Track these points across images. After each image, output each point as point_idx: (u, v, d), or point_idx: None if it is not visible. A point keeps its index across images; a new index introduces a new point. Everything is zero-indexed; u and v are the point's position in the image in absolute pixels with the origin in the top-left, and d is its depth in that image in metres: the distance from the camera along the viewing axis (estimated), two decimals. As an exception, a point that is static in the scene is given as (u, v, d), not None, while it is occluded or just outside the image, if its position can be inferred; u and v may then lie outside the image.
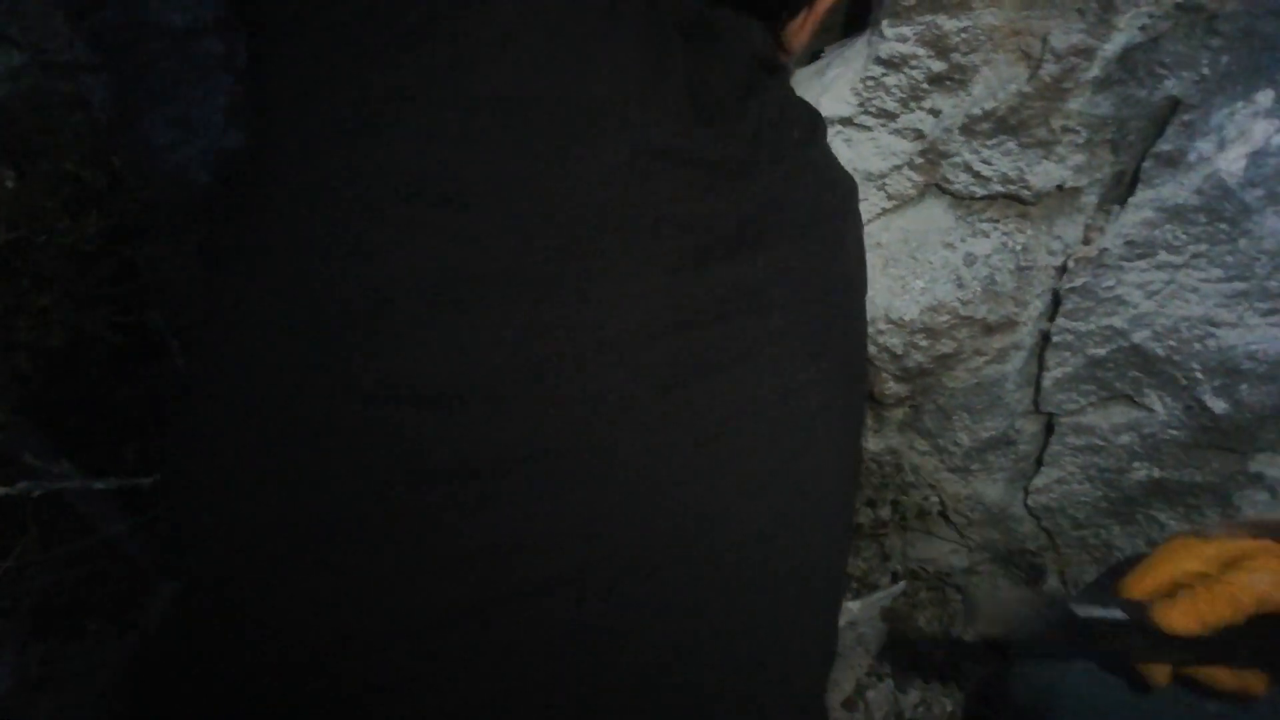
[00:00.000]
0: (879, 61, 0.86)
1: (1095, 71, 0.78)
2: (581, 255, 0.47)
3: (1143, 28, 0.76)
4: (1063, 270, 0.85)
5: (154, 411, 1.09)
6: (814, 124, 0.60)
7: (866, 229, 0.93)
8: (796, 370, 0.54)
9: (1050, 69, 0.79)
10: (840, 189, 0.61)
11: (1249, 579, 0.57)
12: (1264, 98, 0.79)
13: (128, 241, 1.03)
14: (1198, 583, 0.59)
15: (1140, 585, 0.60)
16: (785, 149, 0.56)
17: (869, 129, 0.90)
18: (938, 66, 0.84)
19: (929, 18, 0.82)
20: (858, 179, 0.91)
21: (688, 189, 0.50)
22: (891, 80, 0.86)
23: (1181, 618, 0.56)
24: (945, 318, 0.88)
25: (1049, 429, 0.93)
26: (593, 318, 0.47)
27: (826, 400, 0.56)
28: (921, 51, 0.84)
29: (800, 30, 0.61)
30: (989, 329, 0.88)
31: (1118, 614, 0.58)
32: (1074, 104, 0.80)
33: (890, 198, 0.91)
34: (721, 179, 0.52)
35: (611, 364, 0.48)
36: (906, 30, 0.83)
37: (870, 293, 0.91)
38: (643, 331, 0.49)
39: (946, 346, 0.89)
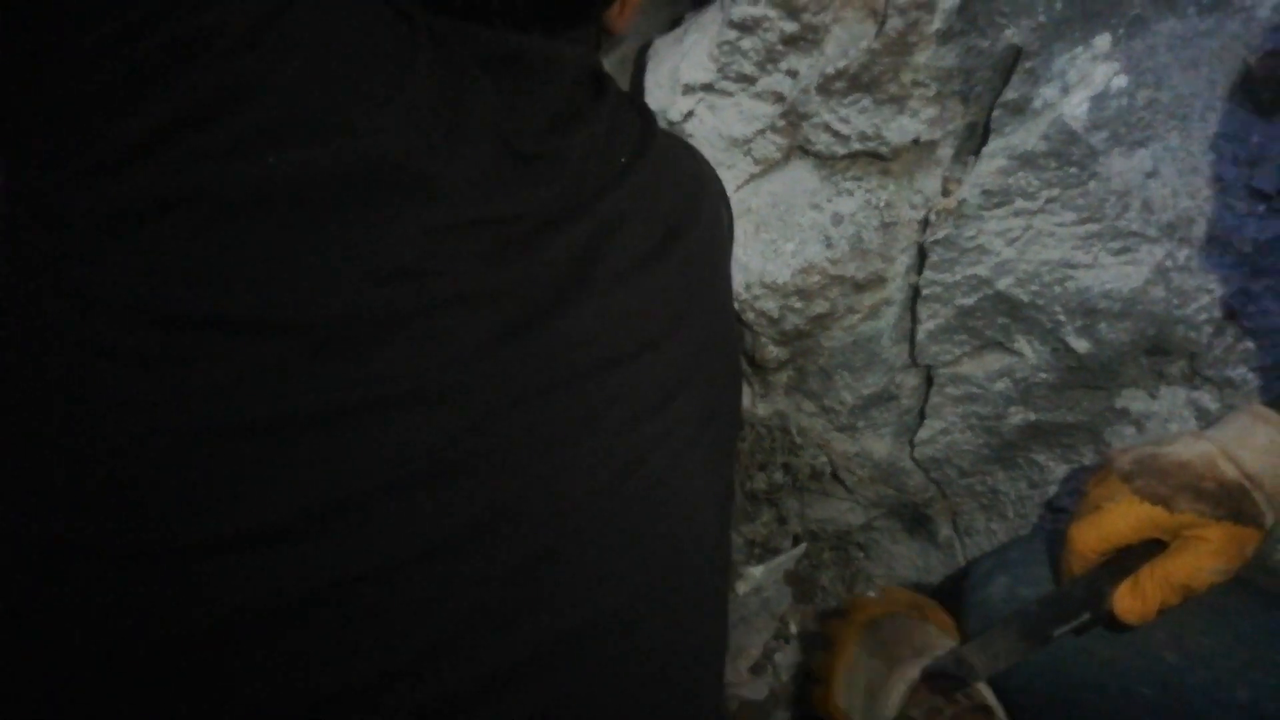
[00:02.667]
0: (732, 25, 0.85)
1: (937, 24, 0.79)
2: (380, 360, 0.44)
3: (978, -22, 0.77)
4: (925, 224, 0.86)
5: None
6: (645, 135, 0.57)
7: (736, 195, 0.93)
8: (651, 421, 0.52)
9: (895, 23, 0.79)
10: (686, 191, 0.58)
11: (1193, 564, 0.64)
12: (1101, 42, 0.81)
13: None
14: (1139, 561, 0.67)
15: (1092, 547, 0.68)
16: (611, 178, 0.53)
17: (730, 94, 0.89)
18: (790, 27, 0.84)
19: (776, -22, 0.82)
20: (724, 145, 0.91)
21: (497, 253, 0.48)
22: (746, 44, 0.86)
23: (1141, 611, 0.65)
24: (816, 278, 0.89)
25: (929, 381, 0.94)
26: (402, 433, 0.44)
27: (692, 437, 0.55)
28: (773, 13, 0.84)
29: (620, 16, 0.60)
30: (859, 286, 0.89)
31: (1085, 616, 0.68)
32: (920, 58, 0.80)
33: (757, 162, 0.91)
34: (536, 233, 0.49)
35: (438, 476, 0.45)
36: (756, -8, 0.83)
37: (744, 258, 0.91)
38: (468, 423, 0.46)
39: (820, 307, 0.90)
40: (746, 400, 1.02)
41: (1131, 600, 0.65)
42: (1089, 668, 0.71)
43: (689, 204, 0.59)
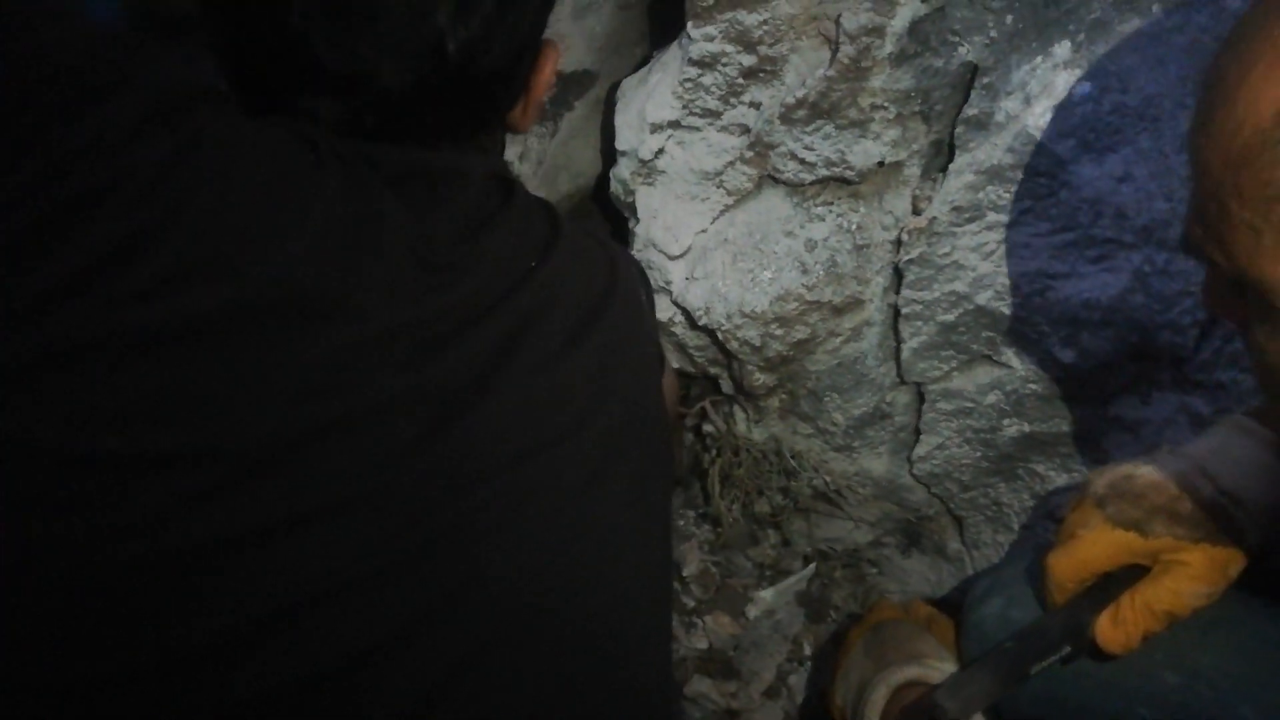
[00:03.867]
0: (692, 63, 0.86)
1: (889, 48, 0.79)
2: (303, 476, 0.45)
3: (925, 0, 0.77)
4: (899, 244, 0.86)
5: None
6: (553, 232, 0.58)
7: (713, 227, 0.94)
8: (576, 504, 0.53)
9: (848, 50, 0.80)
10: (599, 279, 0.60)
11: (1173, 591, 0.63)
12: (1061, 50, 0.80)
13: None
14: (1121, 587, 0.65)
15: (1069, 577, 0.66)
16: (521, 276, 0.54)
17: (698, 129, 0.90)
18: (748, 61, 0.85)
19: (729, 14, 0.83)
20: (696, 179, 0.92)
21: (412, 360, 0.49)
22: (708, 79, 0.87)
23: (1123, 641, 0.64)
24: (794, 305, 0.89)
25: (920, 398, 0.94)
26: (328, 544, 0.45)
27: (621, 513, 0.56)
28: (730, 48, 0.85)
29: (524, 117, 0.61)
30: (837, 310, 0.89)
31: (1066, 650, 0.67)
32: (876, 81, 0.80)
33: (730, 193, 0.92)
34: (451, 336, 0.51)
35: (366, 584, 0.46)
36: (711, 29, 0.84)
37: (723, 289, 0.92)
38: (392, 528, 0.47)
39: (801, 333, 0.90)
40: (741, 426, 1.02)
41: (1113, 631, 0.64)
42: (1086, 690, 0.70)
43: (603, 290, 0.60)
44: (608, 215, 1.03)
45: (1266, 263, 0.40)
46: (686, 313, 0.95)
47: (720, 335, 0.93)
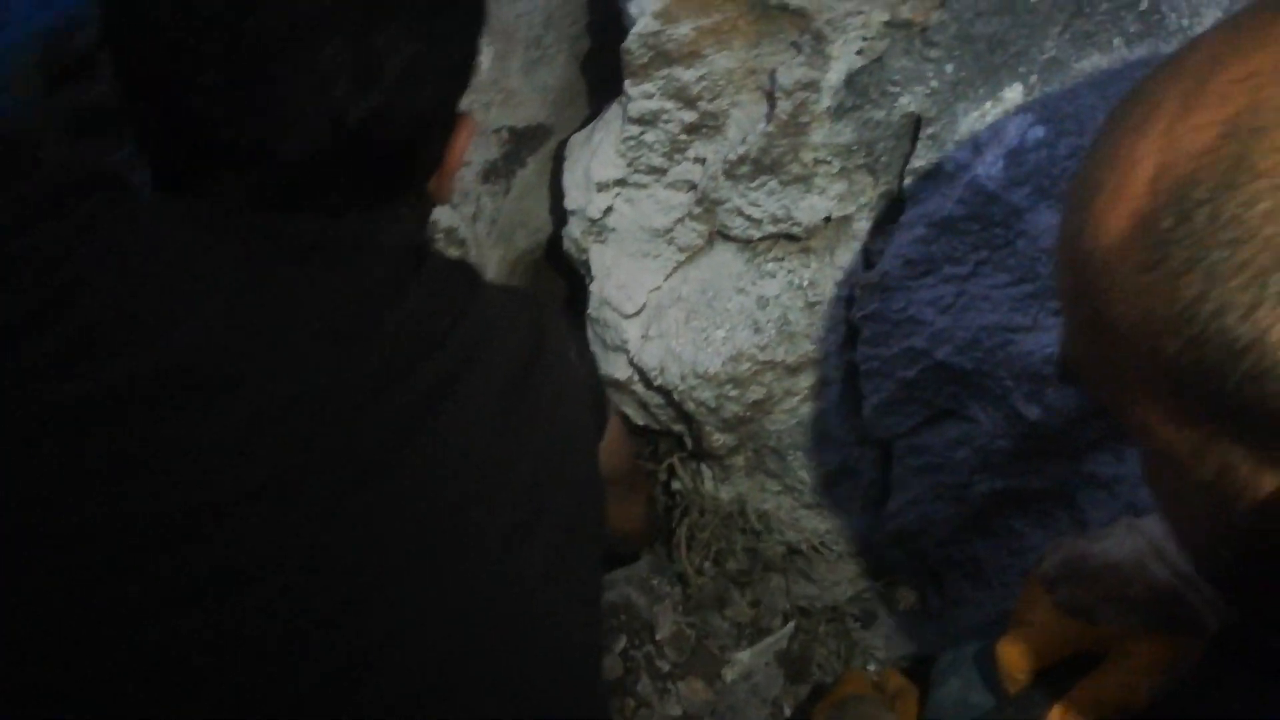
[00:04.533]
0: (633, 120, 0.84)
1: (827, 101, 0.76)
2: (200, 554, 0.46)
3: (860, 51, 0.74)
4: (851, 300, 0.83)
5: None
6: (466, 300, 0.58)
7: (666, 284, 0.91)
8: (484, 573, 0.53)
9: (784, 106, 0.77)
10: (520, 346, 0.59)
11: (1124, 684, 0.58)
12: (1012, 93, 0.76)
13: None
14: (1075, 677, 0.60)
15: (1018, 667, 0.62)
16: (432, 347, 0.55)
17: (645, 186, 0.88)
18: (689, 117, 0.83)
19: (666, 71, 0.80)
20: (647, 237, 0.90)
21: (316, 432, 0.50)
22: (650, 137, 0.85)
23: None
24: (747, 365, 0.86)
25: (888, 454, 0.90)
26: (235, 616, 0.46)
27: (548, 566, 0.56)
28: (670, 105, 0.83)
29: (441, 186, 0.61)
30: (791, 370, 0.86)
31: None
32: (817, 136, 0.77)
33: (681, 250, 0.89)
34: (357, 406, 0.51)
35: (279, 653, 0.47)
36: (649, 86, 0.82)
37: (677, 348, 0.89)
38: (301, 600, 0.48)
39: (757, 393, 0.87)
40: (708, 484, 0.99)
41: None
42: None
43: (527, 354, 0.60)
44: (564, 272, 1.01)
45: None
46: (642, 373, 0.92)
47: (676, 396, 0.90)
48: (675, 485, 1.02)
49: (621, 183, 0.88)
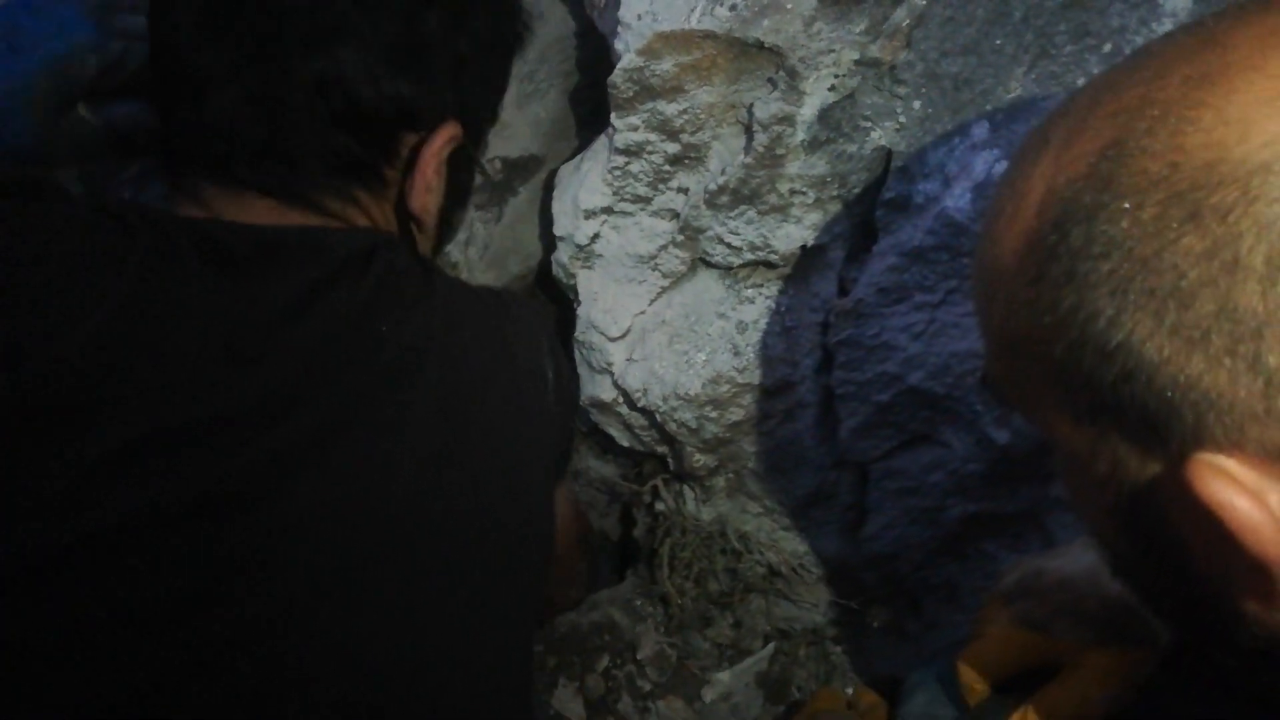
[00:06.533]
0: (619, 151, 0.88)
1: (801, 135, 0.79)
2: (65, 596, 0.44)
3: (832, 88, 0.77)
4: (826, 326, 0.86)
5: None
6: (411, 304, 0.56)
7: (651, 309, 0.94)
8: (437, 585, 0.51)
9: (761, 139, 0.80)
10: (457, 362, 0.56)
11: (1078, 696, 0.59)
12: (980, 130, 0.79)
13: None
14: (1029, 689, 0.61)
15: (976, 679, 0.64)
16: (351, 359, 0.52)
17: (630, 214, 0.91)
18: (672, 148, 0.86)
19: (650, 104, 0.84)
20: (632, 263, 0.93)
21: (199, 457, 0.47)
22: (635, 167, 0.88)
23: None
24: (726, 387, 0.88)
25: (864, 478, 0.92)
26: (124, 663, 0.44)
27: (484, 592, 0.53)
28: (654, 137, 0.86)
29: (419, 194, 0.60)
30: (768, 393, 0.88)
31: None
32: (792, 168, 0.81)
33: (665, 276, 0.92)
34: (244, 432, 0.48)
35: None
36: (634, 119, 0.85)
37: (660, 370, 0.92)
38: (172, 632, 0.45)
39: (735, 415, 0.90)
40: (690, 505, 1.01)
41: None
42: None
43: (487, 363, 0.58)
44: (554, 296, 1.04)
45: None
46: (626, 394, 0.95)
47: (659, 417, 0.93)
48: (659, 506, 1.04)
49: (608, 211, 0.91)
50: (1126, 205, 0.32)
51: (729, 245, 0.87)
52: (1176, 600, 0.40)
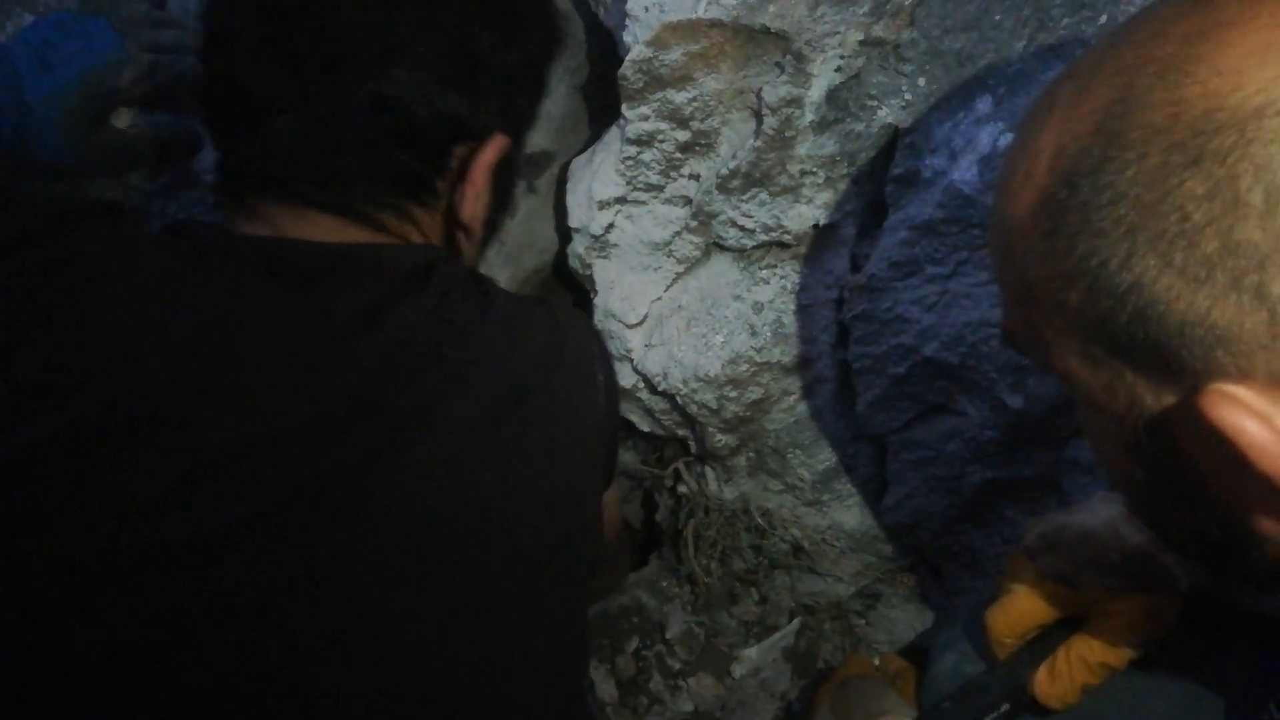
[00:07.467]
0: (630, 141, 0.90)
1: (810, 116, 0.81)
2: (158, 599, 0.45)
3: (838, 69, 0.79)
4: (840, 302, 0.88)
5: None
6: (472, 317, 0.57)
7: (667, 295, 0.96)
8: (481, 593, 0.52)
9: (771, 122, 0.82)
10: (531, 368, 0.58)
11: (1106, 641, 0.62)
12: (984, 104, 0.81)
13: None
14: (1059, 640, 0.65)
15: (1006, 632, 0.66)
16: (418, 371, 0.54)
17: (644, 203, 0.93)
18: (683, 136, 0.88)
19: (660, 94, 0.86)
20: (647, 250, 0.95)
21: (276, 467, 0.49)
22: (647, 156, 0.90)
23: (1060, 695, 0.63)
24: (745, 367, 0.91)
25: (883, 450, 0.95)
26: (212, 662, 0.46)
27: (530, 601, 0.54)
28: (664, 126, 0.88)
29: (470, 204, 0.62)
30: (787, 370, 0.90)
31: (1005, 708, 0.66)
32: (802, 149, 0.83)
33: (680, 261, 0.95)
34: (324, 439, 0.50)
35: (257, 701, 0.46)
36: (645, 109, 0.88)
37: (679, 354, 0.94)
38: (279, 643, 0.47)
39: (755, 394, 0.92)
40: (713, 485, 1.04)
41: (1050, 686, 0.63)
42: None
43: (543, 363, 0.60)
44: (571, 288, 1.06)
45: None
46: (646, 379, 0.97)
47: (679, 400, 0.95)
48: (681, 489, 1.06)
49: (621, 200, 0.93)
50: (1131, 156, 0.34)
51: (742, 228, 0.89)
52: (1195, 531, 0.42)
